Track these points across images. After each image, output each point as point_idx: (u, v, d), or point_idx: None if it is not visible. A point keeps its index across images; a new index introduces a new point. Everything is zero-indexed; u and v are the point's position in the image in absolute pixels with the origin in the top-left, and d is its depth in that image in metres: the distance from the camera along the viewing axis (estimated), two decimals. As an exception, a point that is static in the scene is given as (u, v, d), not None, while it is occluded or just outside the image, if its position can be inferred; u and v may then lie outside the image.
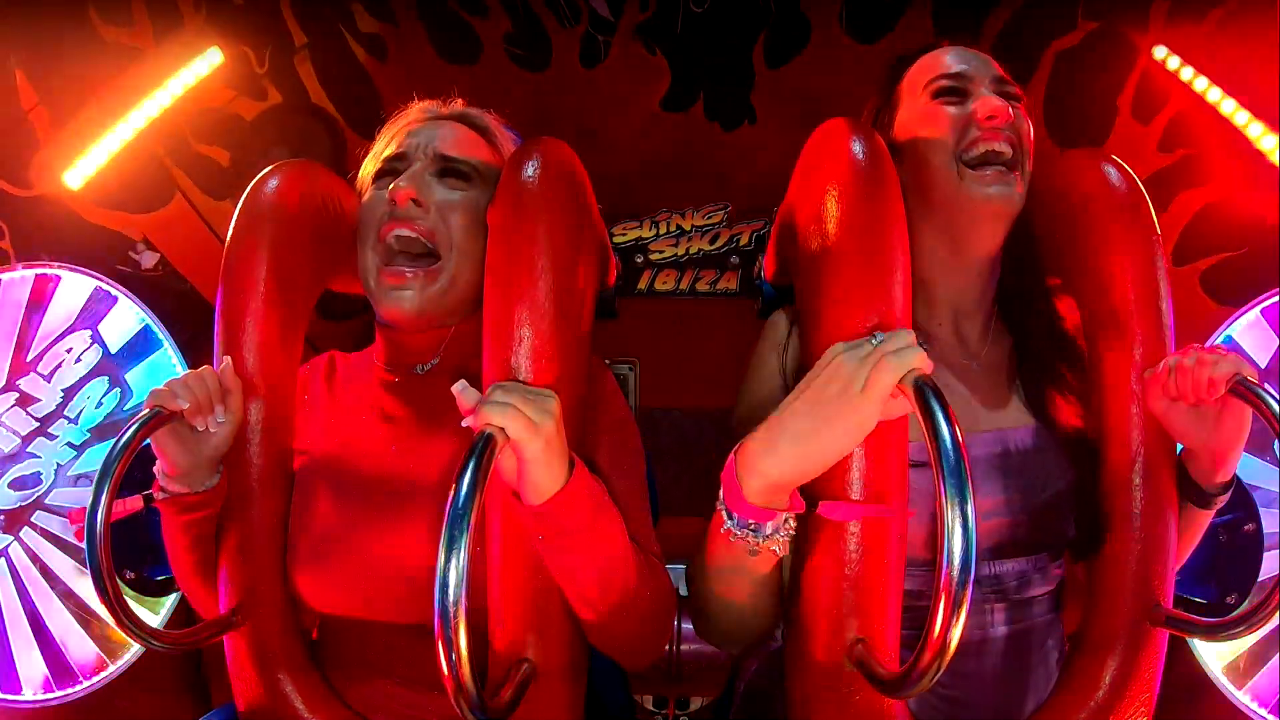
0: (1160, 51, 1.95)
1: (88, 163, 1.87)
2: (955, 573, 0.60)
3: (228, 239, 0.96)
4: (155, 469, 0.91)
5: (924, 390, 0.67)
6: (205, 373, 0.90)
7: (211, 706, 1.65)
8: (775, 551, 0.77)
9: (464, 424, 0.74)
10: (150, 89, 1.89)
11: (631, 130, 2.39)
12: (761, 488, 0.74)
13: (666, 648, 0.91)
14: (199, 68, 1.94)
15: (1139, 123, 2.01)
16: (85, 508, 0.82)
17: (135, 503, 0.90)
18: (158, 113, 1.91)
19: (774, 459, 0.73)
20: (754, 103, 2.40)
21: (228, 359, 0.93)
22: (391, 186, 0.94)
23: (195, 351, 1.71)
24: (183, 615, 1.58)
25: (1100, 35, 2.06)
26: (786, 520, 0.76)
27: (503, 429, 0.72)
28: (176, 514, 0.92)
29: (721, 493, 0.78)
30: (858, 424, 0.71)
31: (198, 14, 1.94)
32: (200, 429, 0.89)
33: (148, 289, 1.86)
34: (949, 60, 0.98)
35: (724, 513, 0.77)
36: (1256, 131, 1.86)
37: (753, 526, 0.75)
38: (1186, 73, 1.92)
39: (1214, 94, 1.88)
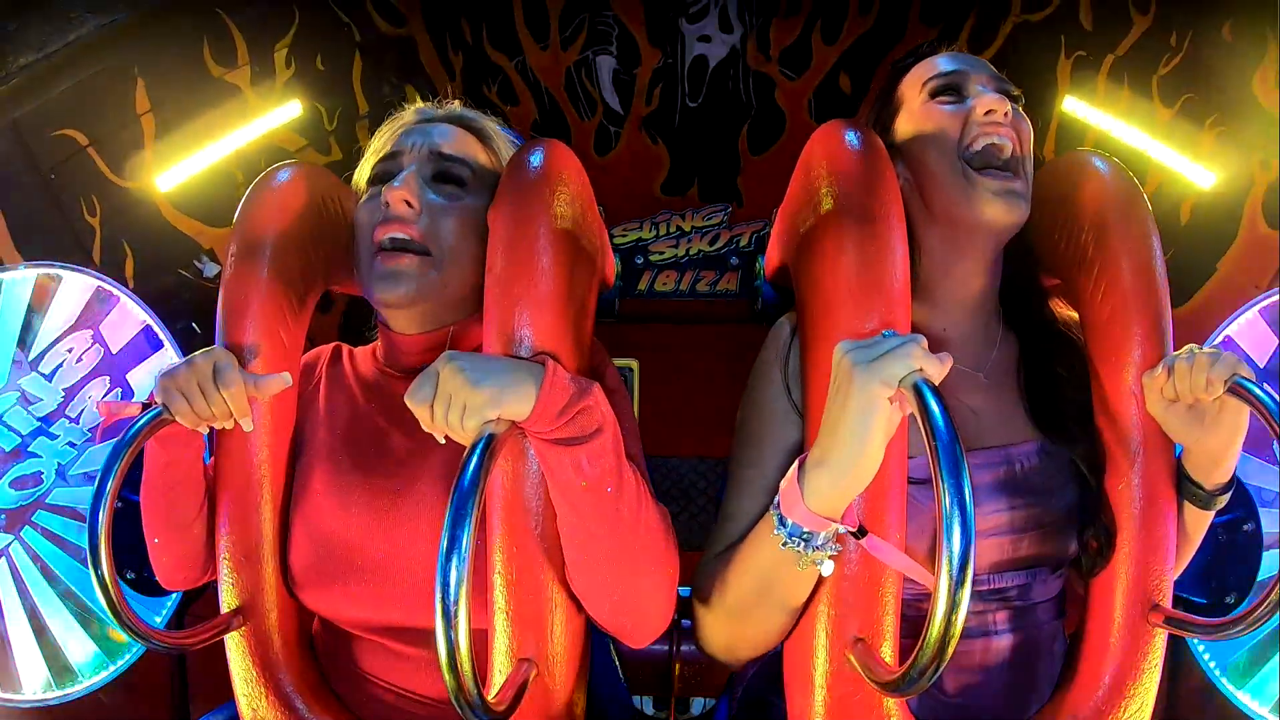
0: (1070, 103, 2.32)
1: (178, 171, 2.14)
2: (954, 570, 0.60)
3: (230, 238, 0.97)
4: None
5: (921, 390, 0.67)
6: (216, 394, 0.86)
7: (190, 713, 1.66)
8: (819, 566, 0.78)
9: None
10: (240, 123, 2.22)
11: (635, 214, 2.76)
12: (819, 496, 0.75)
13: (670, 625, 0.90)
14: (281, 115, 2.29)
15: None
16: (110, 402, 0.82)
17: (134, 408, 0.90)
18: (242, 144, 2.22)
19: (825, 467, 0.74)
20: (740, 186, 2.78)
21: (285, 377, 0.90)
22: (385, 189, 0.93)
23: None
24: (183, 616, 1.58)
25: (1020, 99, 2.38)
26: (836, 533, 0.77)
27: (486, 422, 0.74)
28: (161, 440, 0.90)
29: (779, 499, 0.78)
30: (876, 417, 0.71)
31: (287, 70, 2.30)
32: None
33: (199, 296, 2.19)
34: (944, 62, 0.98)
35: (777, 519, 0.78)
36: (1156, 152, 2.19)
37: (805, 535, 0.76)
38: (1094, 116, 2.29)
39: (1118, 128, 2.25)
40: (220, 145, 2.18)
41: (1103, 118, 2.27)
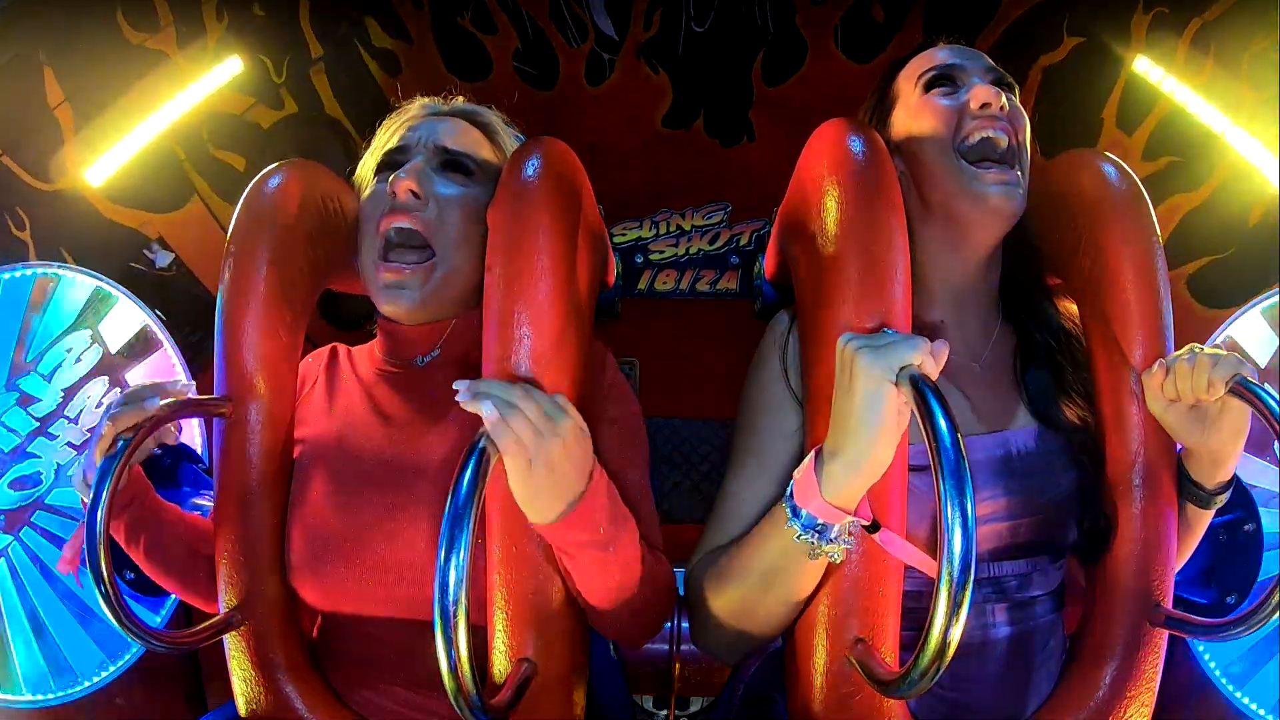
0: (1141, 64, 2.01)
1: (109, 161, 1.90)
2: (955, 572, 0.60)
3: (229, 238, 0.96)
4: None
5: (921, 387, 0.67)
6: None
7: (207, 708, 1.66)
8: (831, 558, 0.78)
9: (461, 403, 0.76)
10: (172, 93, 1.95)
11: (634, 147, 2.47)
12: (835, 487, 0.75)
13: (666, 625, 0.94)
14: (219, 75, 2.01)
15: (1123, 132, 2.07)
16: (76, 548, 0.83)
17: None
18: (178, 116, 1.96)
19: (838, 459, 0.74)
20: (753, 119, 2.48)
21: (190, 384, 0.93)
22: (391, 179, 0.94)
23: (201, 352, 1.73)
24: (183, 615, 1.58)
25: (1085, 50, 2.18)
26: (851, 526, 0.77)
27: (495, 440, 0.73)
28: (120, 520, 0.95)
29: (792, 490, 0.78)
30: (883, 404, 0.71)
31: (220, 23, 2.00)
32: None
33: (155, 288, 1.90)
34: (940, 55, 0.99)
35: (789, 510, 0.78)
36: (1235, 137, 1.89)
37: (819, 527, 0.76)
38: (1168, 84, 1.96)
39: (1194, 103, 1.92)
40: (153, 122, 1.92)
41: (1178, 88, 1.95)
